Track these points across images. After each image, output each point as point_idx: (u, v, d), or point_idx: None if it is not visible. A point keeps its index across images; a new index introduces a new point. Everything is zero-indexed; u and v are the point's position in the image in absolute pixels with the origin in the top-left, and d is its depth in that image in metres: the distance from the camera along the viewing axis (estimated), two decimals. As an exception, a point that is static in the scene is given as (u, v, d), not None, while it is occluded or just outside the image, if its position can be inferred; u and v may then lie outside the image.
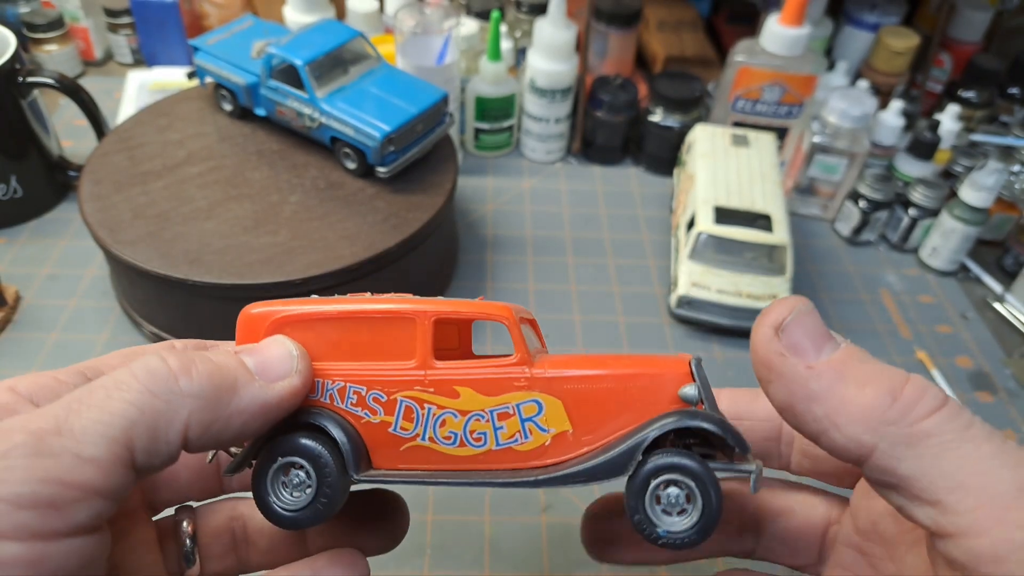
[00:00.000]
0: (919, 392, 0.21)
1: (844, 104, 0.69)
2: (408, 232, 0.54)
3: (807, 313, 0.23)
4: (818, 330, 0.23)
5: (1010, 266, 0.71)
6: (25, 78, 0.62)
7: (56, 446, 0.19)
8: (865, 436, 0.21)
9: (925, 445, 0.20)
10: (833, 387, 0.22)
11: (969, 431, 0.20)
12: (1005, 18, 0.88)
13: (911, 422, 0.21)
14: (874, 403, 0.21)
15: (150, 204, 0.55)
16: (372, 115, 0.56)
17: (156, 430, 0.21)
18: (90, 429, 0.20)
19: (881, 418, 0.21)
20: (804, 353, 0.22)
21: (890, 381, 0.21)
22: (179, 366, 0.22)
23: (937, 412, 0.21)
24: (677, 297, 0.61)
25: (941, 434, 0.20)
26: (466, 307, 0.26)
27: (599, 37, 0.80)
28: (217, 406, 0.22)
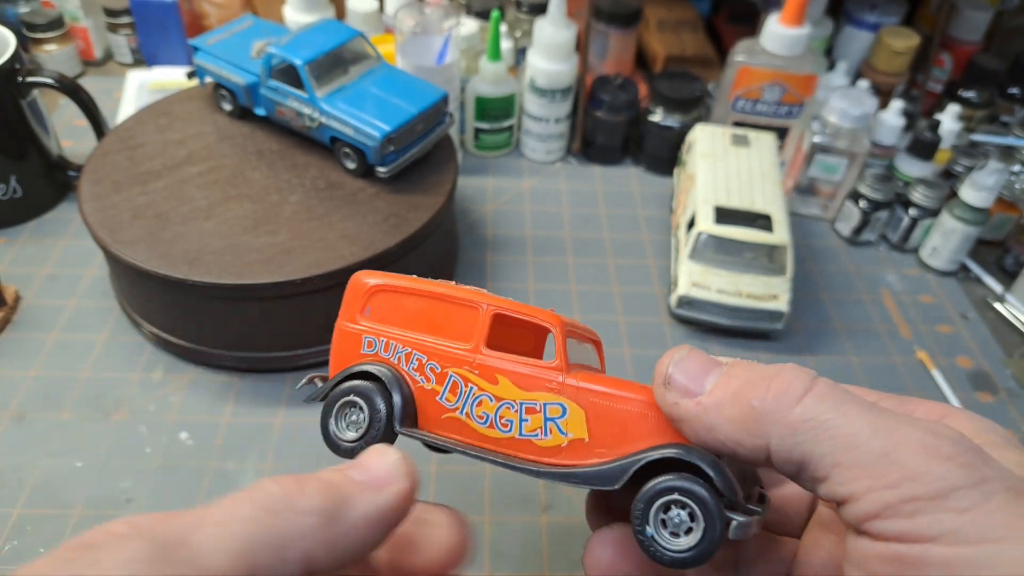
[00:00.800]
0: (787, 381, 0.23)
1: (844, 104, 0.69)
2: (408, 232, 0.54)
3: (685, 356, 0.25)
4: (698, 367, 0.25)
5: (1010, 266, 0.71)
6: (25, 78, 0.62)
7: (180, 557, 0.19)
8: (758, 441, 0.23)
9: (804, 430, 0.22)
10: (719, 413, 0.24)
11: (841, 407, 0.22)
12: (1005, 18, 0.88)
13: (784, 412, 0.23)
14: (751, 410, 0.23)
15: (150, 204, 0.55)
16: (372, 115, 0.56)
17: (278, 548, 0.21)
18: (213, 544, 0.20)
19: (760, 420, 0.23)
20: (691, 393, 0.25)
21: (760, 381, 0.23)
22: (293, 486, 0.22)
23: (807, 395, 0.23)
24: (677, 297, 0.61)
25: (816, 415, 0.22)
26: (524, 309, 0.29)
27: (599, 37, 0.80)
28: (335, 521, 0.22)
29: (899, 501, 0.21)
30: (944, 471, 0.20)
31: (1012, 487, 0.20)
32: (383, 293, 0.30)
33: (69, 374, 0.55)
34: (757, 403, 0.23)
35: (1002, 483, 0.20)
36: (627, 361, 0.60)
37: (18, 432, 0.52)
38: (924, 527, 0.20)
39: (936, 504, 0.20)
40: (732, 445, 0.23)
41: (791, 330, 0.64)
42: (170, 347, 0.56)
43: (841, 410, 0.22)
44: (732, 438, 0.23)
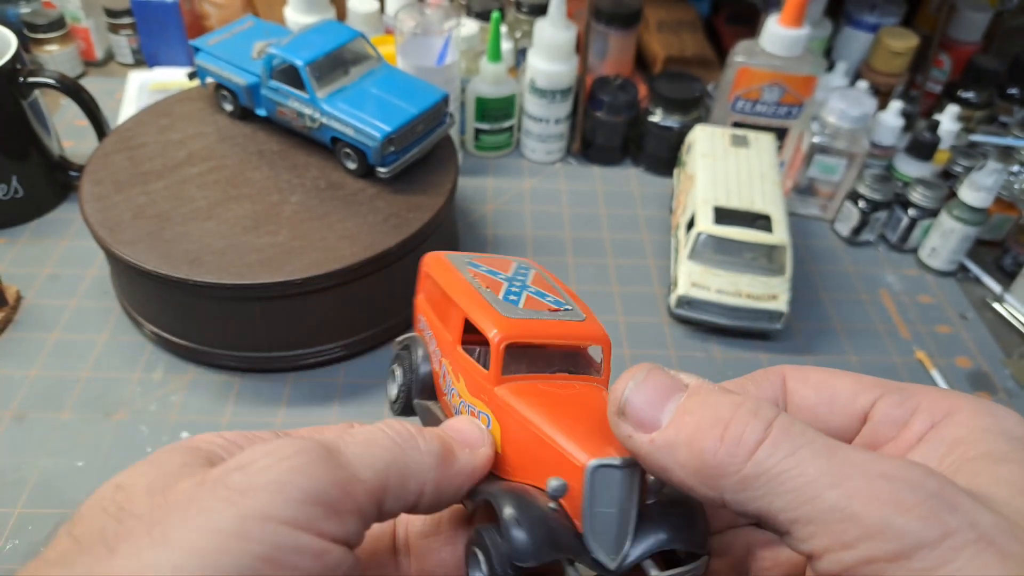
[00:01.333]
0: (739, 430, 0.21)
1: (843, 104, 0.70)
2: (408, 232, 0.55)
3: (643, 379, 0.23)
4: (657, 392, 0.23)
5: (1009, 266, 0.71)
6: (26, 78, 0.62)
7: (339, 459, 0.22)
8: (711, 493, 0.21)
9: (758, 486, 0.21)
10: (672, 455, 0.22)
11: (795, 455, 0.20)
12: (1005, 18, 0.88)
13: (739, 465, 0.21)
14: (703, 459, 0.21)
15: (150, 204, 0.55)
16: (372, 115, 0.56)
17: (405, 477, 0.24)
18: (360, 457, 0.23)
19: (713, 473, 0.21)
20: (646, 427, 0.23)
21: (713, 427, 0.22)
22: (414, 428, 0.25)
23: (762, 444, 0.21)
24: (677, 297, 0.62)
25: (768, 469, 0.20)
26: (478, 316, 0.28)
27: (599, 38, 0.80)
28: (445, 465, 0.25)
29: (858, 562, 0.19)
30: (904, 526, 0.19)
31: (981, 537, 0.18)
32: (427, 278, 0.34)
33: (70, 374, 0.56)
34: (709, 455, 0.21)
35: (971, 531, 0.18)
36: (627, 361, 0.60)
37: (19, 432, 0.52)
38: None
39: (898, 566, 0.19)
40: (687, 490, 0.22)
41: (790, 330, 0.64)
42: (171, 347, 0.57)
43: (796, 457, 0.20)
44: (685, 484, 0.22)
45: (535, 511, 0.24)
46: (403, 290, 0.59)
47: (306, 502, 0.20)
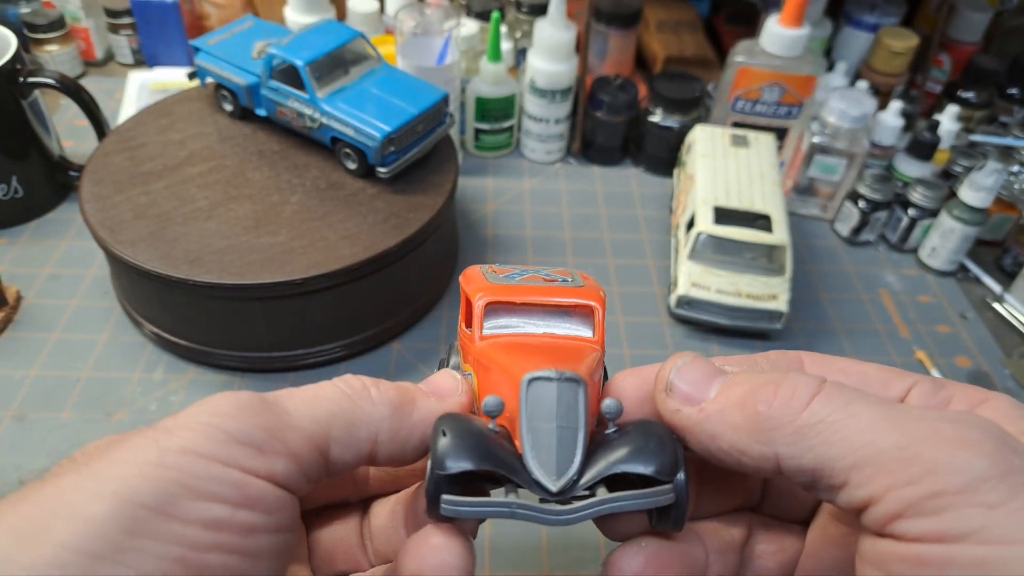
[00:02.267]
0: (792, 387, 0.22)
1: (843, 104, 0.70)
2: (408, 232, 0.55)
3: (688, 363, 0.24)
4: (701, 374, 0.24)
5: (1009, 266, 0.71)
6: (26, 78, 0.62)
7: (274, 408, 0.23)
8: (764, 448, 0.22)
9: (814, 435, 0.21)
10: (723, 419, 0.23)
11: (850, 407, 0.21)
12: (1005, 18, 0.88)
13: (792, 418, 0.21)
14: (756, 416, 0.22)
15: (151, 204, 0.55)
16: (373, 115, 0.56)
17: (352, 426, 0.24)
18: (299, 409, 0.24)
19: (767, 425, 0.22)
20: (694, 400, 0.24)
21: (765, 388, 0.22)
22: (369, 381, 0.26)
23: (814, 399, 0.21)
24: (677, 297, 0.62)
25: (824, 419, 0.21)
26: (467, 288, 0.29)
27: (599, 38, 0.80)
28: (401, 415, 0.25)
29: (922, 498, 0.19)
30: (967, 460, 0.19)
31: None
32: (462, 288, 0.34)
33: (70, 374, 0.56)
34: (763, 408, 0.22)
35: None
36: (627, 361, 0.60)
37: (19, 432, 0.52)
38: (951, 525, 0.19)
39: (963, 499, 0.19)
40: (736, 454, 0.22)
41: (790, 330, 0.64)
42: (171, 347, 0.57)
43: (850, 409, 0.21)
44: (736, 446, 0.22)
45: (466, 426, 0.24)
46: (403, 290, 0.59)
47: (228, 441, 0.22)
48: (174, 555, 0.20)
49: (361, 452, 0.25)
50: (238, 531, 0.21)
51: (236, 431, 0.22)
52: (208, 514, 0.21)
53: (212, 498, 0.21)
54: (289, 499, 0.23)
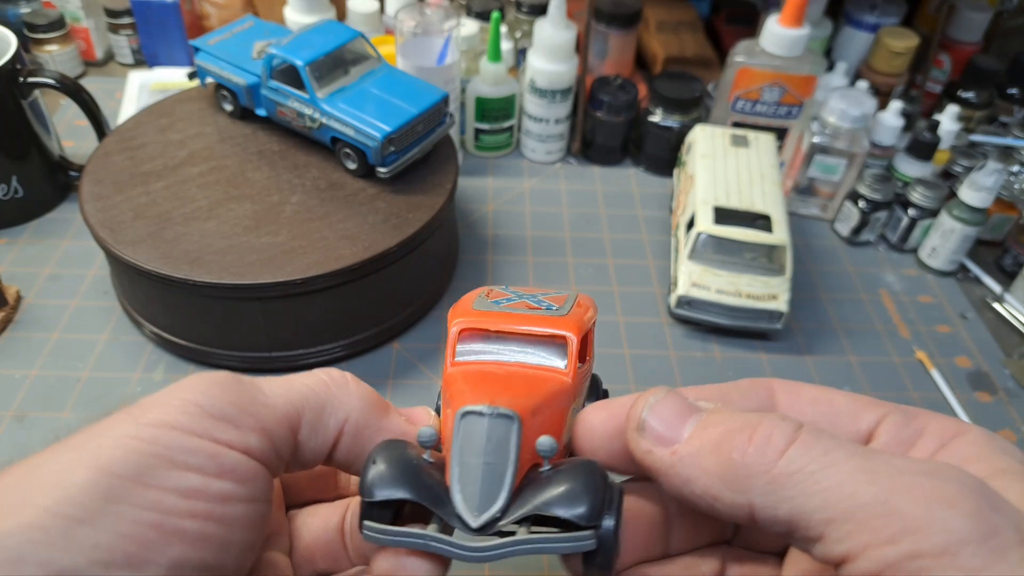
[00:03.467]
0: (767, 433, 0.21)
1: (843, 104, 0.70)
2: (408, 232, 0.55)
3: (661, 400, 0.24)
4: (675, 411, 0.23)
5: (1009, 266, 0.71)
6: (26, 78, 0.62)
7: (248, 387, 0.25)
8: (738, 497, 0.21)
9: (791, 485, 0.20)
10: (696, 464, 0.22)
11: (828, 456, 0.20)
12: (1005, 18, 0.88)
13: (768, 467, 0.20)
14: (731, 463, 0.21)
15: (151, 204, 0.55)
16: (373, 115, 0.56)
17: (323, 410, 0.25)
18: (274, 390, 0.25)
19: (742, 474, 0.21)
20: (666, 441, 0.23)
21: (739, 434, 0.21)
22: (352, 378, 0.27)
23: (791, 447, 0.21)
24: (677, 297, 0.62)
25: (801, 468, 0.20)
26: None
27: (599, 38, 0.80)
28: (372, 415, 0.26)
29: (901, 558, 0.18)
30: (948, 520, 0.18)
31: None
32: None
33: (70, 374, 0.56)
34: (737, 456, 0.21)
35: (1015, 534, 0.18)
36: (627, 361, 0.60)
37: (19, 432, 0.52)
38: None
39: (944, 562, 0.18)
40: (709, 500, 0.22)
41: (790, 330, 0.64)
42: (171, 347, 0.57)
43: (828, 459, 0.20)
44: (709, 492, 0.21)
45: (401, 454, 0.24)
46: (403, 290, 0.59)
47: (200, 415, 0.23)
48: (150, 521, 0.21)
49: (327, 438, 0.26)
50: (213, 499, 0.22)
51: (210, 406, 0.23)
52: (184, 483, 0.22)
53: (187, 468, 0.22)
54: (262, 471, 0.24)
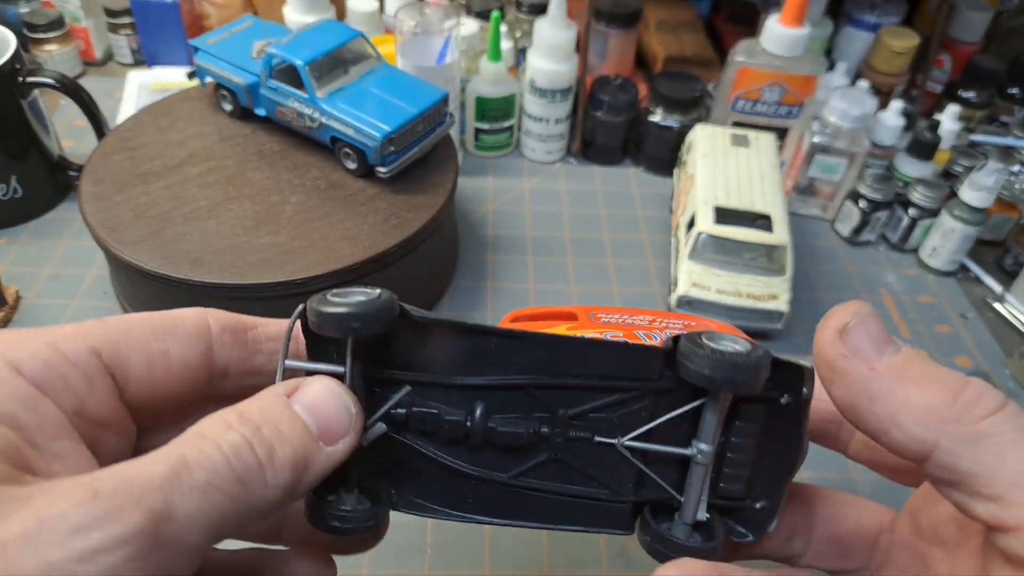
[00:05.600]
0: (978, 393, 0.22)
1: (844, 104, 0.70)
2: (408, 232, 0.54)
3: (869, 317, 0.24)
4: (880, 334, 0.23)
5: (1010, 266, 0.71)
6: (25, 78, 0.62)
7: (168, 536, 0.18)
8: (926, 434, 0.22)
9: (985, 443, 0.21)
10: (893, 388, 0.22)
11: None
12: (1005, 18, 0.88)
13: (971, 421, 0.21)
14: (934, 403, 0.22)
15: (151, 204, 0.55)
16: (372, 115, 0.56)
17: (243, 519, 0.21)
18: (195, 518, 0.19)
19: (941, 417, 0.21)
20: (866, 356, 0.23)
21: (950, 382, 0.22)
22: (265, 456, 0.21)
23: (997, 413, 0.21)
24: (677, 297, 0.62)
25: (1001, 433, 0.21)
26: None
27: (599, 37, 0.80)
28: (295, 492, 0.22)
29: None
30: None
31: None
32: None
33: (70, 374, 0.55)
34: (941, 401, 0.21)
35: None
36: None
37: (19, 432, 0.52)
38: None
39: None
40: (887, 423, 0.22)
41: (791, 330, 0.64)
42: (171, 347, 0.56)
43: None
44: (894, 418, 0.22)
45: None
46: (403, 290, 0.59)
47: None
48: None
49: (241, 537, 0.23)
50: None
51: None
52: None
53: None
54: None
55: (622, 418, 0.26)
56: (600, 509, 0.26)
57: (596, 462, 0.26)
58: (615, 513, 0.26)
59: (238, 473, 0.20)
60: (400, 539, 0.48)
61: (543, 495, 0.26)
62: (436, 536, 0.48)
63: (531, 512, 0.26)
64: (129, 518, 0.17)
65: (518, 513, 0.26)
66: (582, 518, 0.26)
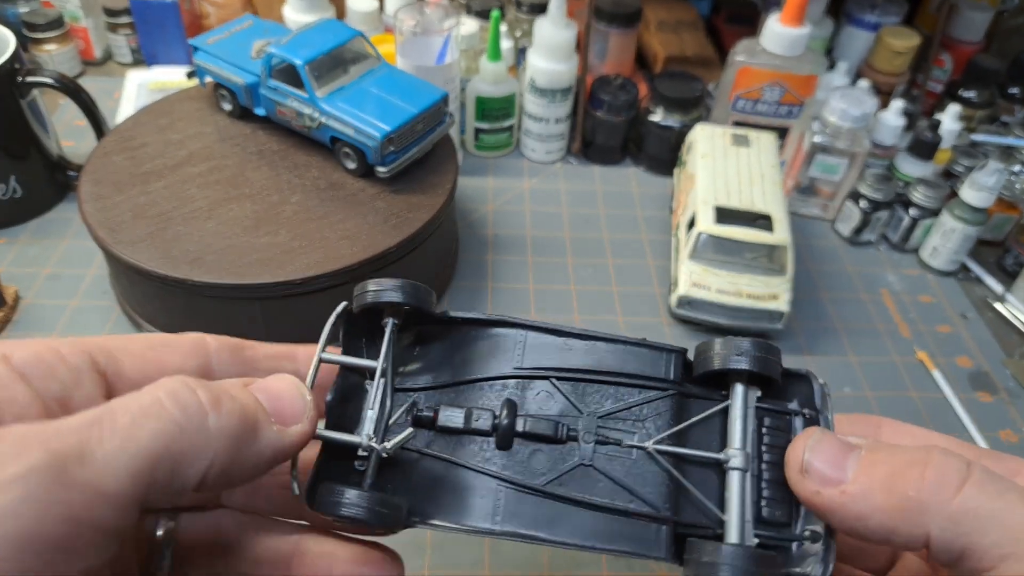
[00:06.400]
0: (939, 470, 0.22)
1: (844, 104, 0.69)
2: (408, 232, 0.54)
3: (819, 440, 0.25)
4: (835, 451, 0.24)
5: (1010, 266, 0.71)
6: (25, 78, 0.62)
7: (78, 477, 0.17)
8: (915, 530, 0.22)
9: (968, 521, 0.22)
10: (869, 502, 0.23)
11: (1004, 497, 0.22)
12: (1006, 18, 0.88)
13: (945, 502, 0.22)
14: (906, 499, 0.22)
15: (150, 204, 0.55)
16: (372, 115, 0.56)
17: (179, 466, 0.20)
18: (114, 460, 0.18)
19: (918, 510, 0.22)
20: (832, 482, 0.24)
21: (909, 468, 0.23)
22: (209, 401, 0.21)
23: (966, 484, 0.22)
24: (677, 297, 0.61)
25: (977, 507, 0.22)
26: None
27: (599, 37, 0.80)
28: (239, 448, 0.21)
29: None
30: None
31: None
32: None
33: (69, 374, 0.55)
34: (913, 492, 0.22)
35: None
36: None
37: (18, 432, 0.52)
38: None
39: None
40: (885, 533, 0.23)
41: (791, 330, 0.64)
42: (170, 347, 0.56)
43: (1004, 499, 0.22)
44: (886, 527, 0.23)
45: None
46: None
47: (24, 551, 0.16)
48: None
49: (182, 494, 0.21)
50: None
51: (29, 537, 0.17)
52: None
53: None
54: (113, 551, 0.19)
55: (651, 425, 0.26)
56: (638, 528, 0.25)
57: (629, 472, 0.25)
58: (658, 535, 0.25)
59: (174, 417, 0.19)
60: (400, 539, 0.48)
61: (576, 508, 0.25)
62: (435, 536, 0.48)
63: (564, 528, 0.25)
64: (27, 458, 0.17)
65: (550, 528, 0.25)
66: (621, 538, 0.25)
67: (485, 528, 0.25)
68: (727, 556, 0.23)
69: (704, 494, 0.25)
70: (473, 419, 0.25)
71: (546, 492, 0.25)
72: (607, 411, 0.26)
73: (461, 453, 0.26)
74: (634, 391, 0.26)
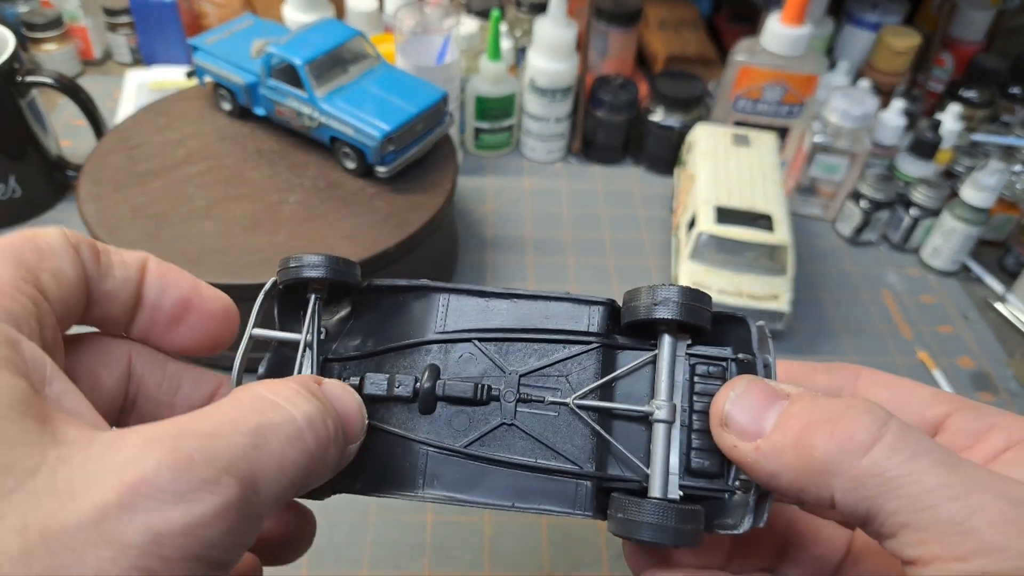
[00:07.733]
0: (849, 428, 0.21)
1: (845, 104, 0.69)
2: (408, 232, 0.54)
3: (744, 390, 0.23)
4: (759, 401, 0.23)
5: (1011, 266, 0.71)
6: (24, 77, 0.62)
7: (251, 508, 0.18)
8: (821, 491, 0.21)
9: (872, 486, 0.20)
10: (780, 459, 0.22)
11: (912, 462, 0.20)
12: (1006, 17, 0.87)
13: (851, 463, 0.21)
14: (811, 459, 0.21)
15: (149, 204, 0.55)
16: (372, 115, 0.56)
17: (305, 489, 0.21)
18: (272, 491, 0.19)
19: (824, 470, 0.21)
20: (750, 435, 0.23)
21: (822, 424, 0.21)
22: (334, 434, 0.21)
23: (876, 445, 0.21)
24: (678, 297, 0.61)
25: (884, 471, 0.20)
26: None
27: (600, 36, 0.80)
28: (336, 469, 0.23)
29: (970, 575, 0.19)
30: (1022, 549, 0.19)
31: None
32: None
33: (68, 374, 0.55)
34: (819, 453, 0.21)
35: None
36: (627, 361, 0.60)
37: (17, 433, 0.51)
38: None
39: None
40: (795, 492, 0.22)
41: (792, 330, 0.64)
42: (169, 347, 0.56)
43: (913, 464, 0.20)
44: (794, 486, 0.22)
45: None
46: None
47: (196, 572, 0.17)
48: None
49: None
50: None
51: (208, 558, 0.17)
52: None
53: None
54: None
55: (576, 380, 0.25)
56: (561, 486, 0.25)
57: (553, 429, 0.25)
58: (580, 492, 0.25)
59: (310, 447, 0.20)
60: (400, 539, 0.48)
61: (498, 468, 0.25)
62: (435, 536, 0.48)
63: (488, 489, 0.25)
64: (226, 490, 0.17)
65: (473, 490, 0.25)
66: (543, 496, 0.25)
67: (409, 493, 0.25)
68: (646, 510, 0.23)
69: (632, 448, 0.25)
70: (395, 385, 0.25)
71: (467, 453, 0.25)
72: (530, 369, 0.25)
73: (390, 420, 0.26)
74: (559, 347, 0.25)
